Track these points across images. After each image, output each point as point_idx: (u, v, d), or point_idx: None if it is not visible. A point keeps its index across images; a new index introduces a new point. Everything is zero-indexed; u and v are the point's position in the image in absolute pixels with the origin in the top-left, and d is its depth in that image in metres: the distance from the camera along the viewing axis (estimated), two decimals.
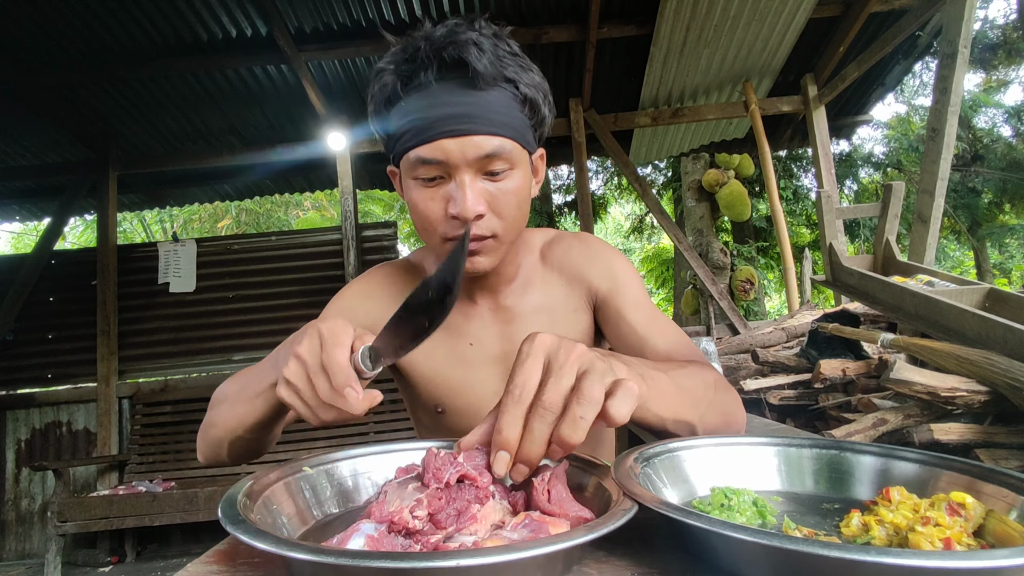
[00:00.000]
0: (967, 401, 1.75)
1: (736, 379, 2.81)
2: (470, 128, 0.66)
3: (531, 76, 0.71)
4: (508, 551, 0.33)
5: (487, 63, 0.65)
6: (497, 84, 0.67)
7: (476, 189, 0.68)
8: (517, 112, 0.69)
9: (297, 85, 3.96)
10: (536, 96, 0.71)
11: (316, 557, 0.33)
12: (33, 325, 4.20)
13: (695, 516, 0.37)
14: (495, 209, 0.70)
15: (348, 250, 4.23)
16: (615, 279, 0.87)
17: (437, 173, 0.69)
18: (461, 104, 0.66)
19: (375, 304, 0.87)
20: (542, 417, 0.44)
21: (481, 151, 0.66)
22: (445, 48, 0.65)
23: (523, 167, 0.72)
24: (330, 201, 12.73)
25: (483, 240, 0.72)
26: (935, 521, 0.41)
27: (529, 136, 0.72)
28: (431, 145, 0.67)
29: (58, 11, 3.29)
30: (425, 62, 0.66)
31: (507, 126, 0.68)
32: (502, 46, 0.69)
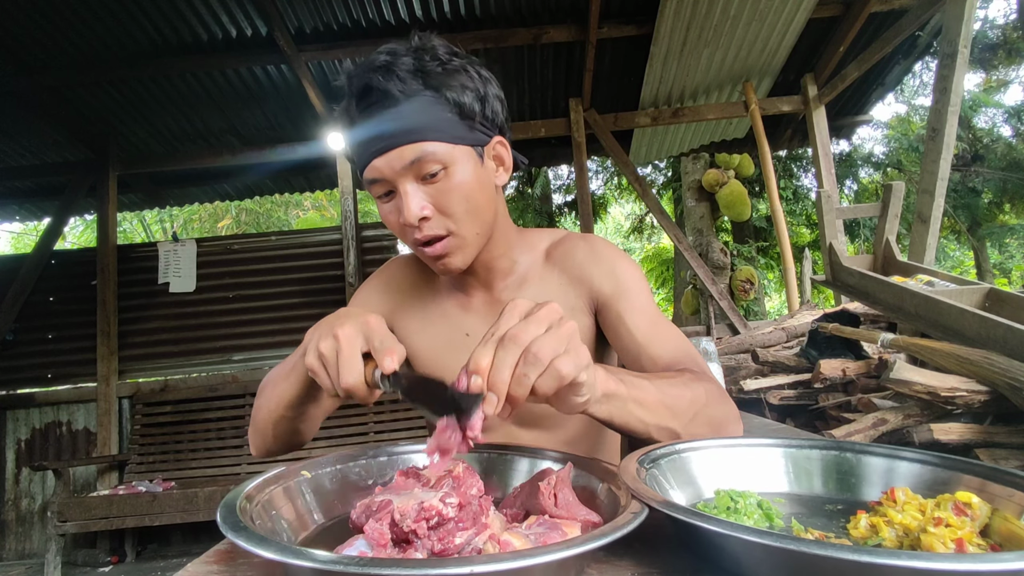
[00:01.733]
0: (967, 401, 1.75)
1: (736, 379, 2.81)
2: (390, 143, 0.71)
3: (456, 78, 0.74)
4: (521, 557, 0.32)
5: (395, 81, 0.70)
6: (414, 96, 0.71)
7: (416, 195, 0.73)
8: (442, 114, 0.73)
9: (297, 85, 3.96)
10: (460, 96, 0.73)
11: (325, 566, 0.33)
12: (33, 325, 4.20)
13: (714, 521, 0.37)
14: (441, 209, 0.74)
15: (348, 250, 4.23)
16: (618, 282, 0.87)
17: (384, 189, 0.75)
18: (380, 123, 0.72)
19: (391, 296, 0.95)
20: (506, 348, 0.49)
21: (404, 160, 0.71)
22: (353, 80, 0.73)
23: (462, 163, 0.75)
24: (330, 201, 12.73)
25: (440, 240, 0.76)
26: (946, 522, 0.41)
27: (462, 132, 0.75)
28: (368, 167, 0.74)
29: (58, 11, 3.29)
30: (348, 99, 0.75)
31: (429, 130, 0.72)
32: (424, 57, 0.73)
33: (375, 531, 0.41)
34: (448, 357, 0.89)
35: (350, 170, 4.31)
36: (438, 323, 0.91)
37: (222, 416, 3.94)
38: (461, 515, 0.42)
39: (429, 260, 0.79)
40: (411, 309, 0.93)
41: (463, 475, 0.52)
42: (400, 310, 0.93)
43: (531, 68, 4.17)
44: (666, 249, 10.87)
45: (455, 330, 0.89)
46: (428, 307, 0.92)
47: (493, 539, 0.40)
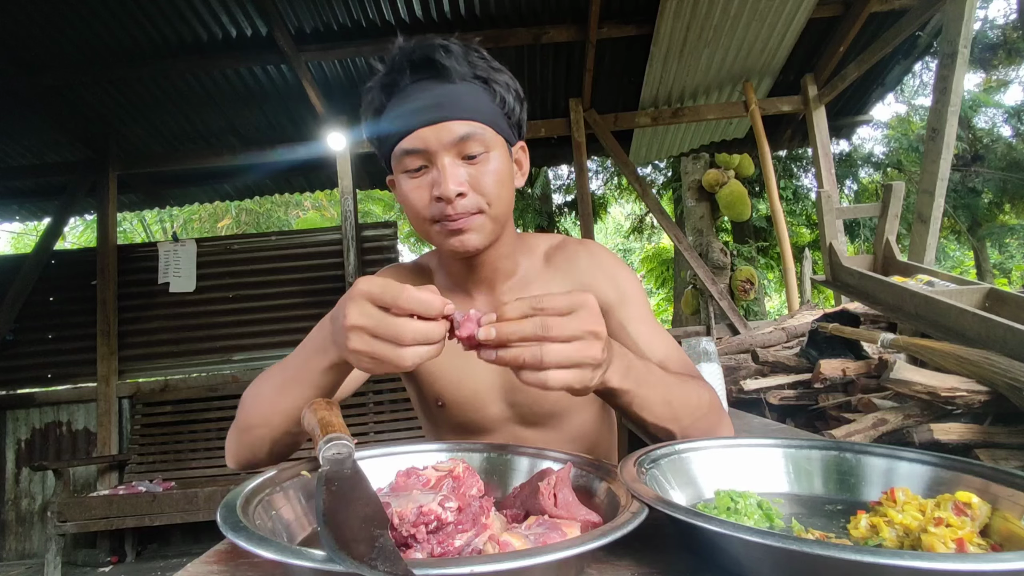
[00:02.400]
0: (967, 401, 1.75)
1: (736, 379, 2.81)
2: (443, 115, 0.73)
3: (501, 75, 0.79)
4: (521, 557, 0.32)
5: (454, 61, 0.74)
6: (467, 80, 0.75)
7: (455, 170, 0.74)
8: (488, 103, 0.77)
9: (297, 85, 3.96)
10: (506, 92, 0.79)
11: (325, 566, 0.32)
12: (33, 325, 4.20)
13: (715, 522, 0.37)
14: (477, 188, 0.76)
15: (348, 250, 4.23)
16: (622, 292, 0.89)
17: (421, 162, 0.75)
18: (434, 96, 0.73)
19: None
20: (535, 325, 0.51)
21: (455, 134, 0.73)
22: (414, 52, 0.74)
23: (500, 151, 0.78)
24: (330, 201, 12.72)
25: (471, 216, 0.76)
26: (946, 522, 0.41)
27: (503, 124, 0.79)
28: (412, 136, 0.74)
29: (58, 11, 3.29)
30: (399, 67, 0.75)
31: (479, 112, 0.75)
32: (472, 52, 0.77)
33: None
34: (450, 364, 0.88)
35: (350, 170, 4.30)
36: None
37: (222, 416, 3.94)
38: (460, 518, 0.42)
39: (447, 236, 0.77)
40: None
41: (463, 475, 0.52)
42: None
43: (531, 68, 4.17)
44: (666, 249, 10.87)
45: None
46: None
47: (493, 540, 0.40)
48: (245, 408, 0.74)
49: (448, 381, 0.88)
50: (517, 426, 0.89)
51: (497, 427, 0.89)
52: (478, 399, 0.87)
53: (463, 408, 0.88)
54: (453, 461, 0.58)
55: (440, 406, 0.89)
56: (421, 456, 0.64)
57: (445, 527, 0.41)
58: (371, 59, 3.90)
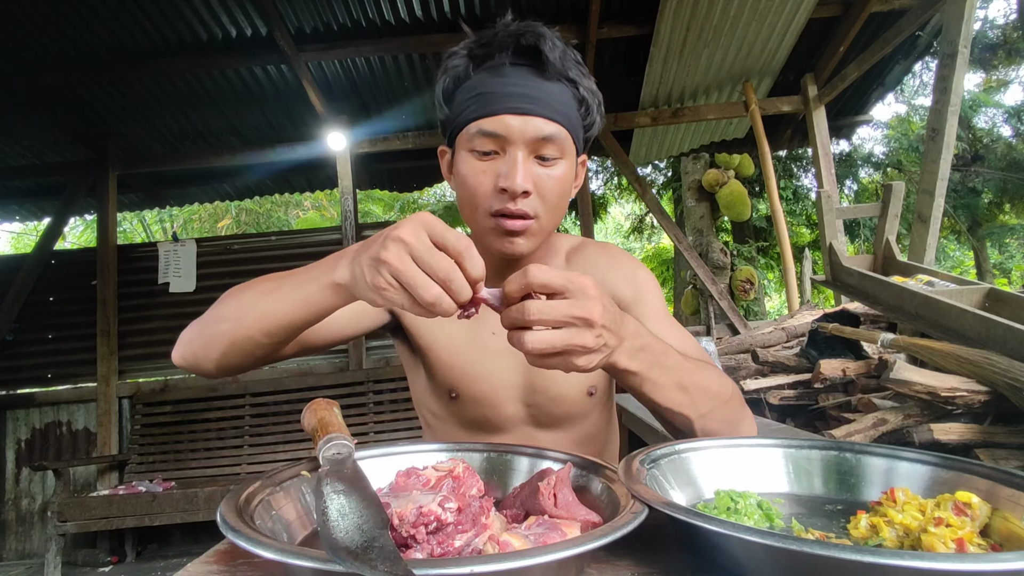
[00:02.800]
0: (967, 401, 1.75)
1: (736, 379, 2.81)
2: (534, 109, 0.71)
3: (590, 83, 0.77)
4: (521, 557, 0.32)
5: (558, 56, 0.72)
6: (561, 79, 0.73)
7: (528, 167, 0.72)
8: (574, 109, 0.75)
9: (297, 85, 3.95)
10: (591, 100, 0.77)
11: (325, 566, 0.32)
12: (33, 325, 4.20)
13: (716, 522, 0.37)
14: (540, 192, 0.74)
15: None
16: (638, 289, 0.90)
17: (493, 147, 0.73)
18: (528, 86, 0.71)
19: None
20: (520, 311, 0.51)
21: (540, 132, 0.71)
22: (523, 35, 0.71)
23: (571, 160, 0.77)
24: (330, 201, 12.72)
25: (525, 220, 0.74)
26: (946, 522, 0.41)
27: (580, 134, 0.78)
28: (494, 119, 0.71)
29: (58, 11, 3.29)
30: (502, 44, 0.72)
31: (565, 116, 0.73)
32: (569, 51, 0.75)
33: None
34: (469, 356, 0.86)
35: (350, 170, 4.30)
36: (465, 322, 0.87)
37: (222, 416, 3.94)
38: (460, 518, 0.42)
39: (499, 235, 0.75)
40: None
41: (463, 475, 0.52)
42: None
43: None
44: (666, 249, 10.86)
45: (480, 327, 0.87)
46: None
47: (493, 540, 0.40)
48: (219, 303, 0.71)
49: (465, 373, 0.86)
50: (531, 427, 0.88)
51: (511, 427, 0.87)
52: (495, 396, 0.86)
53: (478, 403, 0.86)
54: (453, 461, 0.58)
55: (454, 398, 0.87)
56: (421, 456, 0.64)
57: (445, 527, 0.41)
58: (371, 59, 3.90)
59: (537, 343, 0.51)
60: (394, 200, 11.95)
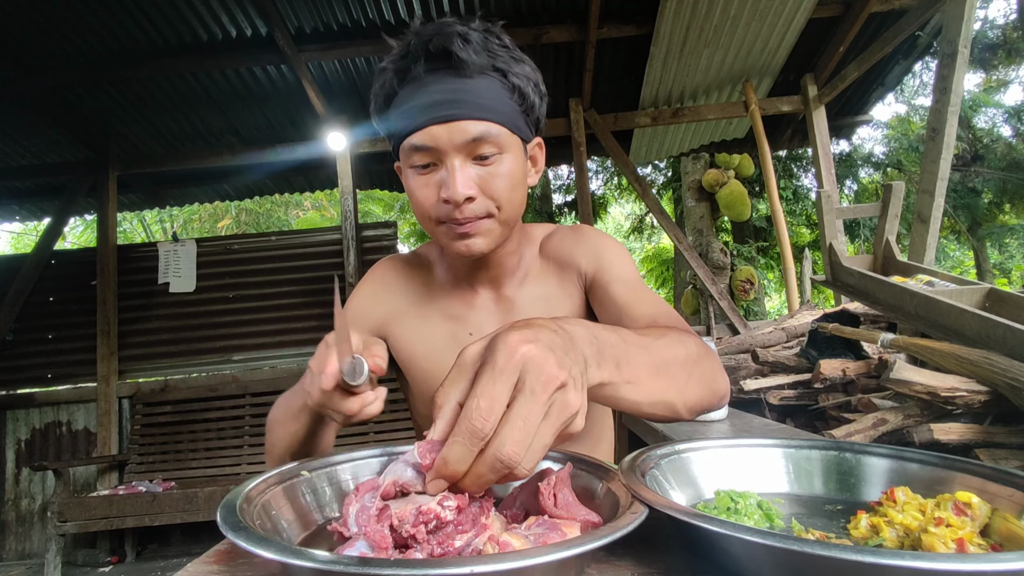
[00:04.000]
0: (967, 401, 1.75)
1: (736, 379, 2.81)
2: (456, 113, 0.68)
3: (522, 67, 0.73)
4: (522, 557, 0.32)
5: (472, 52, 0.68)
6: (485, 73, 0.70)
7: (466, 173, 0.71)
8: (506, 99, 0.72)
9: (297, 85, 3.95)
10: (525, 86, 0.73)
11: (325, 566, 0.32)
12: (33, 325, 4.20)
13: (718, 523, 0.37)
14: (487, 192, 0.72)
15: (348, 250, 4.23)
16: (601, 259, 0.88)
17: (429, 160, 0.72)
18: (448, 91, 0.68)
19: (385, 301, 0.90)
20: (492, 468, 0.39)
21: (468, 135, 0.69)
22: (431, 40, 0.68)
23: (514, 152, 0.74)
24: (330, 201, 12.72)
25: (477, 221, 0.73)
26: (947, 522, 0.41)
27: (520, 123, 0.75)
28: (422, 132, 0.70)
29: (58, 11, 3.29)
30: (414, 55, 0.70)
31: (494, 111, 0.70)
32: (492, 39, 0.71)
33: (376, 534, 0.41)
34: (449, 358, 0.84)
35: (350, 170, 4.30)
36: (439, 324, 0.88)
37: (222, 416, 3.94)
38: (460, 518, 0.42)
39: (453, 239, 0.75)
40: (408, 313, 0.89)
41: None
42: (397, 315, 0.89)
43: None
44: (666, 249, 10.86)
45: (459, 329, 0.87)
46: (426, 309, 0.89)
47: (492, 540, 0.40)
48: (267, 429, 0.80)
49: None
50: None
51: None
52: None
53: None
54: None
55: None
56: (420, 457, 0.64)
57: (445, 527, 0.41)
58: (371, 59, 3.90)
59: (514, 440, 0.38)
60: (394, 200, 11.96)
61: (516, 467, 0.38)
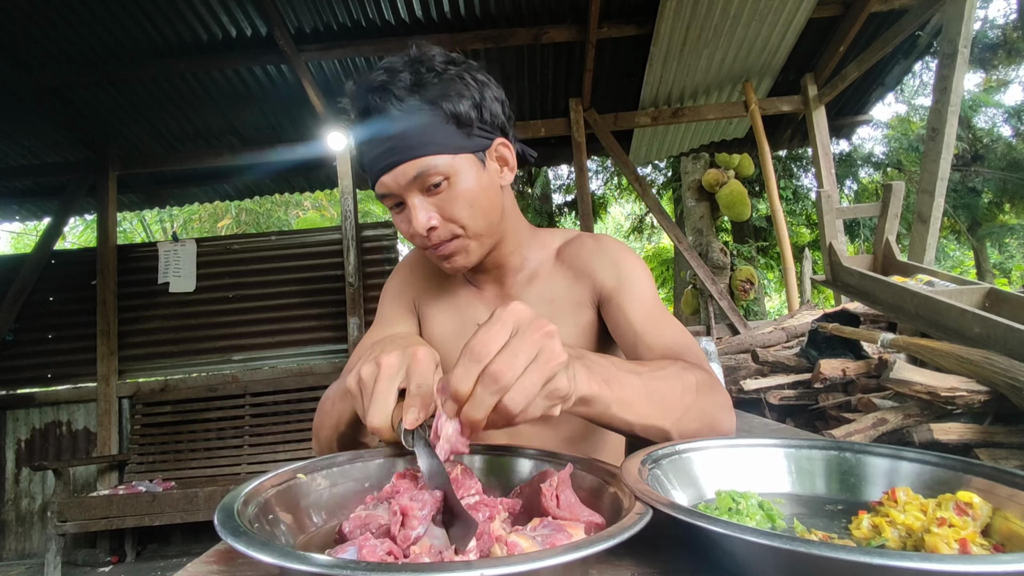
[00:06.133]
0: (967, 401, 1.75)
1: (736, 379, 2.81)
2: (393, 160, 0.74)
3: (453, 87, 0.76)
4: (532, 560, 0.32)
5: (392, 100, 0.73)
6: (412, 112, 0.74)
7: (423, 206, 0.77)
8: (440, 127, 0.75)
9: (297, 85, 3.95)
10: (456, 106, 0.75)
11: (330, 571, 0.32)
12: (33, 325, 4.20)
13: (723, 524, 0.36)
14: (447, 216, 0.78)
15: (348, 250, 4.23)
16: (620, 276, 0.88)
17: (394, 202, 0.79)
18: (383, 142, 0.75)
19: (417, 282, 0.99)
20: (485, 385, 0.45)
21: (408, 175, 0.75)
22: (354, 103, 0.77)
23: (464, 172, 0.77)
24: (330, 201, 12.72)
25: (448, 243, 0.80)
26: (949, 522, 0.41)
27: (462, 141, 0.77)
28: (377, 184, 0.77)
29: (58, 11, 3.29)
30: (355, 116, 0.78)
31: (429, 144, 0.74)
32: (420, 69, 0.76)
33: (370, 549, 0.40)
34: (456, 350, 0.88)
35: (350, 170, 4.31)
36: (451, 313, 0.94)
37: (222, 416, 3.95)
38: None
39: (437, 260, 0.83)
40: (432, 297, 0.97)
41: (461, 477, 0.52)
42: (426, 297, 0.98)
43: (531, 68, 4.17)
44: (666, 249, 10.87)
45: (466, 320, 0.93)
46: (444, 297, 0.96)
47: (500, 541, 0.40)
48: (318, 410, 0.82)
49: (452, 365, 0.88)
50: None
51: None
52: None
53: None
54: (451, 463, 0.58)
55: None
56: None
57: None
58: (371, 59, 3.90)
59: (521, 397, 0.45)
60: None
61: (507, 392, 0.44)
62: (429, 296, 0.97)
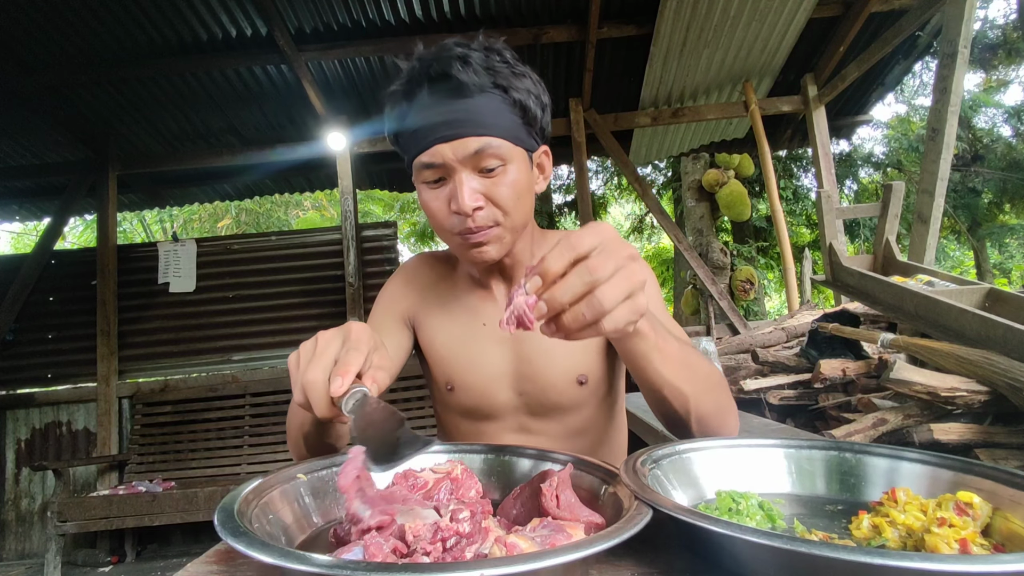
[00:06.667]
0: (967, 401, 1.75)
1: (736, 379, 2.81)
2: (459, 132, 0.74)
3: (523, 81, 0.78)
4: (531, 559, 0.32)
5: (472, 73, 0.73)
6: (485, 91, 0.75)
7: (472, 185, 0.76)
8: (507, 114, 0.77)
9: (297, 85, 3.95)
10: (526, 99, 0.78)
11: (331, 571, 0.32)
12: (33, 325, 4.20)
13: (724, 524, 0.36)
14: (494, 201, 0.77)
15: (348, 250, 4.23)
16: None
17: (439, 175, 0.77)
18: (451, 112, 0.74)
19: (414, 292, 0.98)
20: (580, 274, 0.47)
21: (470, 149, 0.74)
22: (432, 65, 0.74)
23: (518, 163, 0.78)
24: (330, 201, 12.72)
25: (487, 230, 0.78)
26: (949, 522, 0.41)
27: (522, 135, 0.79)
28: (429, 151, 0.75)
29: (58, 11, 3.29)
30: (418, 79, 0.76)
31: (495, 126, 0.75)
32: (493, 57, 0.76)
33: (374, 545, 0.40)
34: (462, 349, 0.91)
35: (350, 170, 4.30)
36: (457, 315, 0.94)
37: (222, 416, 3.94)
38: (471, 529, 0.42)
39: (466, 248, 0.81)
40: (434, 305, 0.96)
41: (461, 477, 0.52)
42: (424, 306, 0.97)
43: (531, 68, 4.16)
44: (666, 249, 10.87)
45: (472, 319, 0.93)
46: (450, 303, 0.95)
47: (499, 542, 0.39)
48: (288, 416, 0.81)
49: (460, 365, 0.91)
50: (524, 416, 0.91)
51: (505, 415, 0.91)
52: (488, 386, 0.90)
53: (471, 393, 0.90)
54: (451, 463, 0.58)
55: (450, 389, 0.92)
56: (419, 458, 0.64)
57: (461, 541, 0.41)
58: (371, 59, 3.90)
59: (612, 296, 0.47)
60: (394, 200, 11.96)
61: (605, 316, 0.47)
62: (430, 305, 0.96)
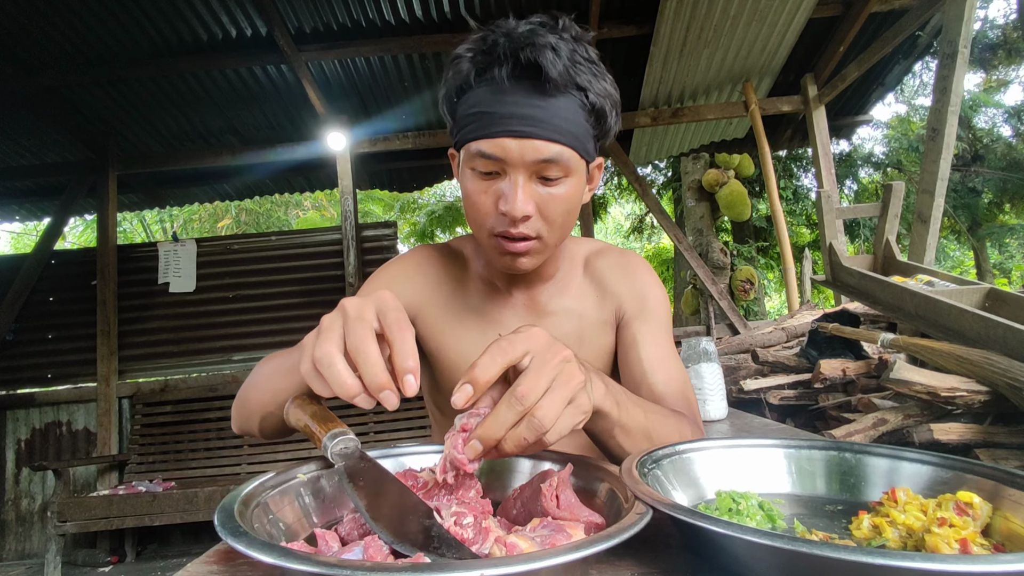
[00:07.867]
0: (967, 401, 1.75)
1: (736, 379, 2.81)
2: (533, 131, 0.67)
3: (603, 85, 0.72)
4: (531, 559, 0.32)
5: (561, 69, 0.66)
6: (567, 91, 0.68)
7: (528, 190, 0.70)
8: (583, 120, 0.70)
9: (297, 85, 3.95)
10: (604, 105, 0.72)
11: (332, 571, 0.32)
12: (33, 325, 4.20)
13: (724, 524, 0.36)
14: (543, 213, 0.72)
15: (348, 250, 4.23)
16: (644, 307, 0.88)
17: (493, 168, 0.70)
18: (529, 106, 0.67)
19: (420, 285, 0.89)
20: (510, 406, 0.45)
21: (540, 155, 0.68)
22: (523, 48, 0.66)
23: (578, 176, 0.73)
24: (330, 201, 12.72)
25: (528, 241, 0.73)
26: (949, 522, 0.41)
27: (590, 146, 0.73)
28: (493, 141, 0.68)
29: (58, 11, 3.29)
30: (501, 59, 0.67)
31: (569, 134, 0.69)
32: (580, 51, 0.70)
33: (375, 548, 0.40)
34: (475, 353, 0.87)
35: (350, 170, 4.30)
36: (470, 321, 0.87)
37: (222, 416, 3.94)
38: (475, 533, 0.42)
39: (503, 254, 0.75)
40: (442, 304, 0.88)
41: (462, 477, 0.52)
42: (430, 303, 0.88)
43: None
44: (666, 249, 10.87)
45: (489, 328, 0.87)
46: (459, 304, 0.88)
47: (499, 542, 0.39)
48: (248, 381, 0.75)
49: None
50: None
51: None
52: None
53: None
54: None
55: None
56: (420, 458, 0.64)
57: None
58: (371, 59, 3.90)
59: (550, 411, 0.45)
60: (394, 200, 11.95)
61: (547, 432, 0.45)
62: (437, 304, 0.88)
